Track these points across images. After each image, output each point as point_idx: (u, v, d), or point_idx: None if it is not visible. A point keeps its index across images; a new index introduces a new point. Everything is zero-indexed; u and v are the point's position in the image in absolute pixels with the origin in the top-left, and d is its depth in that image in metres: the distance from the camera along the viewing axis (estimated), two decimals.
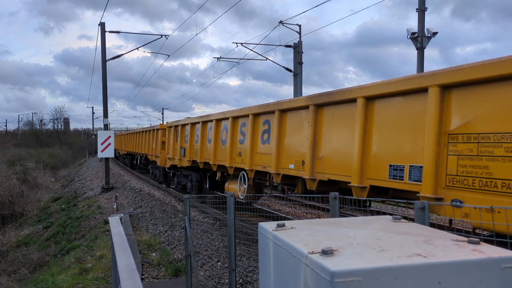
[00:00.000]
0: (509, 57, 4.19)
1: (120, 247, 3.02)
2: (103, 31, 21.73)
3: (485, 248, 1.84)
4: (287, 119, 8.22)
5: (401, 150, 5.46)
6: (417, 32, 15.55)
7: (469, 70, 4.49)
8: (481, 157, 4.43)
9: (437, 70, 4.93)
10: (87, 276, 8.70)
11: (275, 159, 8.41)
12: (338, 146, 6.73)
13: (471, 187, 4.47)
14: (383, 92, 5.70)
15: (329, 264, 1.63)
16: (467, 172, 4.57)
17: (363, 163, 6.01)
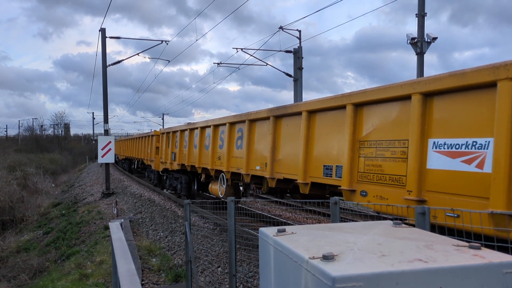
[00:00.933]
0: (391, 84, 5.71)
1: (120, 253, 3.01)
2: (103, 37, 21.79)
3: (486, 253, 1.84)
4: (256, 127, 9.58)
5: (331, 153, 6.85)
6: (417, 37, 15.59)
7: (370, 92, 5.98)
8: (377, 158, 5.86)
9: (352, 92, 6.49)
10: (87, 281, 8.67)
11: (246, 162, 9.75)
12: (290, 151, 8.07)
13: (372, 181, 5.91)
14: (320, 107, 7.11)
15: (330, 269, 1.63)
16: (369, 170, 5.99)
17: (306, 164, 7.36)
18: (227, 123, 10.94)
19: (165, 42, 23.64)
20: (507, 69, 4.12)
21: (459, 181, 4.69)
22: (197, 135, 13.45)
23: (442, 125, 5.03)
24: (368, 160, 6.02)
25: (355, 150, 6.27)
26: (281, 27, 23.48)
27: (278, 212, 14.44)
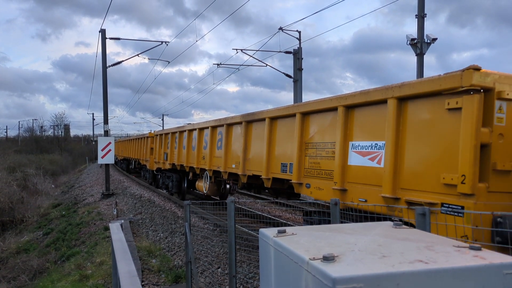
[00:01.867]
0: (325, 98, 7.13)
1: (121, 254, 3.01)
2: (103, 38, 21.79)
3: (486, 254, 1.83)
4: (232, 131, 10.97)
5: (286, 153, 8.23)
6: (417, 38, 15.59)
7: (312, 104, 7.44)
8: (317, 157, 7.24)
9: (299, 103, 8.20)
10: (87, 282, 8.67)
11: (224, 161, 11.14)
12: (257, 151, 9.47)
13: (313, 175, 7.29)
14: (278, 114, 8.57)
15: (330, 270, 1.63)
16: (312, 166, 7.37)
17: (268, 162, 8.77)
18: (210, 127, 12.40)
19: (165, 43, 23.68)
20: (393, 90, 5.55)
21: (367, 174, 6.10)
22: (185, 137, 14.95)
23: (357, 130, 6.42)
24: (311, 158, 7.46)
25: (302, 150, 7.67)
26: (281, 28, 23.50)
27: (278, 213, 14.44)
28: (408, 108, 5.51)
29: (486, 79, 4.72)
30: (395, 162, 5.54)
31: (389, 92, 5.63)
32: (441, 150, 5.05)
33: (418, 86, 5.29)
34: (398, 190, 5.55)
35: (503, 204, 4.73)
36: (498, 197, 4.74)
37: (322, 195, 6.93)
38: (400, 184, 5.54)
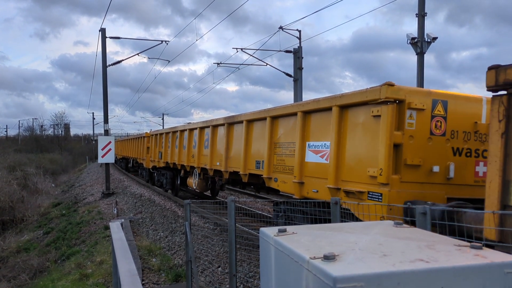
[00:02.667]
0: (288, 105, 8.55)
1: (121, 253, 3.01)
2: (103, 37, 21.77)
3: (487, 253, 1.83)
4: (217, 131, 12.12)
5: (259, 152, 9.36)
6: (417, 37, 15.57)
7: (279, 109, 8.62)
8: (282, 155, 8.41)
9: (270, 108, 9.13)
10: (87, 281, 8.67)
11: (210, 159, 12.36)
12: (237, 150, 10.56)
13: (280, 170, 8.46)
14: (253, 118, 9.70)
15: (331, 269, 1.62)
16: (278, 163, 8.56)
17: (245, 160, 9.90)
18: (198, 128, 13.66)
19: (165, 42, 23.64)
20: (336, 100, 6.77)
21: (318, 169, 7.23)
22: (177, 137, 16.19)
23: (312, 132, 7.56)
24: (278, 156, 8.62)
25: (272, 149, 8.80)
26: (281, 27, 23.47)
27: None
28: (348, 114, 6.68)
29: (398, 92, 5.86)
30: (337, 159, 6.76)
31: (333, 101, 6.84)
32: (367, 149, 6.24)
33: (353, 97, 6.45)
34: (340, 182, 6.74)
35: (412, 192, 5.89)
36: (408, 186, 5.90)
37: (286, 188, 8.23)
38: (341, 177, 6.72)
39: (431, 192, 6.05)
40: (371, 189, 6.05)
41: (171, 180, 19.14)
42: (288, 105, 8.61)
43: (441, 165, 6.11)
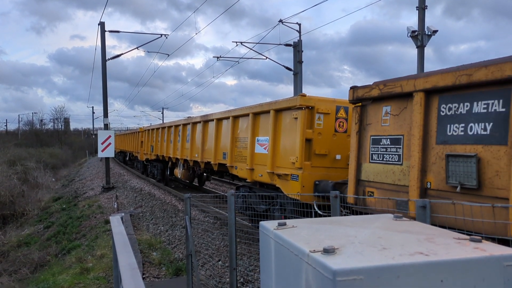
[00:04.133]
0: (244, 107, 10.41)
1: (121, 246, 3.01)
2: (102, 30, 21.67)
3: (487, 246, 1.84)
4: (196, 128, 14.25)
5: (225, 145, 11.38)
6: (417, 30, 15.50)
7: (238, 110, 10.68)
8: (240, 148, 10.47)
9: (232, 109, 11.18)
10: (88, 275, 8.70)
11: (190, 151, 14.64)
12: (210, 143, 12.69)
13: (238, 160, 10.51)
14: (221, 117, 11.83)
15: (330, 262, 1.63)
16: (237, 154, 10.63)
17: (215, 152, 12.07)
18: (181, 124, 15.87)
19: (165, 36, 23.54)
20: (272, 105, 8.94)
21: (262, 158, 9.37)
22: (166, 132, 18.45)
23: (259, 129, 9.65)
24: (237, 148, 10.70)
25: (233, 143, 10.86)
26: (281, 20, 23.36)
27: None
28: (280, 116, 8.82)
29: (309, 101, 8.04)
30: (273, 150, 8.89)
31: (271, 106, 9.04)
32: (290, 142, 8.39)
33: (283, 103, 8.63)
34: (275, 168, 8.85)
35: (320, 174, 8.08)
36: (317, 170, 8.10)
37: (242, 173, 10.35)
38: (275, 163, 8.86)
39: (334, 174, 8.07)
40: (292, 172, 8.27)
41: (161, 171, 21.47)
42: (243, 107, 10.51)
43: (342, 154, 8.22)
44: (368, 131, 6.26)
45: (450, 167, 4.87)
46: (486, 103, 4.63)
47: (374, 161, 6.08)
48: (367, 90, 6.17)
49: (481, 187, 4.54)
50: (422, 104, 5.28)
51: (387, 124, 5.94)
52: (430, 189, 5.20)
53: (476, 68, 4.64)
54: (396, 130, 5.79)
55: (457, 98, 4.93)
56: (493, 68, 4.44)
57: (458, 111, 4.93)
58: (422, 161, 5.26)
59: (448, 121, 5.03)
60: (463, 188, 4.70)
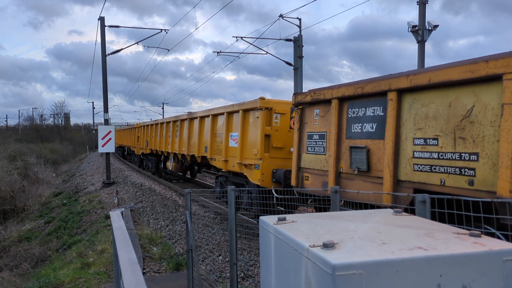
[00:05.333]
0: (220, 107, 12.37)
1: (121, 241, 3.02)
2: (102, 26, 21.61)
3: (486, 241, 1.84)
4: (184, 124, 15.84)
5: (207, 140, 13.09)
6: (418, 25, 15.45)
7: (216, 109, 12.48)
8: (218, 142, 12.16)
9: (211, 108, 13.14)
10: (88, 270, 8.73)
11: (178, 146, 16.54)
12: (194, 138, 14.46)
13: (216, 153, 12.21)
14: (203, 115, 13.59)
15: (330, 257, 1.63)
16: (216, 148, 12.24)
17: (199, 146, 13.88)
18: (171, 121, 17.88)
19: (165, 31, 23.48)
20: (241, 106, 10.66)
21: (234, 151, 11.02)
22: (159, 128, 20.47)
23: (232, 126, 11.29)
24: (216, 143, 12.41)
25: (213, 138, 12.62)
26: (281, 15, 23.29)
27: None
28: (247, 115, 10.52)
29: (268, 103, 9.70)
30: (242, 144, 10.58)
31: (240, 106, 10.73)
32: (254, 137, 10.11)
33: (249, 104, 10.33)
34: (243, 159, 10.49)
35: (277, 164, 9.63)
36: (275, 160, 9.69)
37: (219, 164, 12.03)
38: (243, 155, 10.53)
39: (289, 163, 9.02)
40: (255, 162, 9.87)
41: (155, 164, 23.36)
42: (220, 107, 12.36)
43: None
44: (305, 128, 7.85)
45: (352, 156, 6.49)
46: (373, 108, 6.23)
47: (309, 152, 7.70)
48: (303, 96, 7.76)
49: (370, 170, 6.16)
50: (336, 109, 6.87)
51: (317, 123, 7.55)
52: (342, 172, 6.79)
53: (366, 83, 6.18)
54: (322, 127, 7.38)
55: (357, 104, 6.52)
56: (375, 83, 5.99)
57: (358, 114, 6.53)
58: (337, 152, 6.85)
59: (352, 122, 6.59)
60: (359, 171, 6.33)
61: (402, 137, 5.68)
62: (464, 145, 4.83)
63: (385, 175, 5.75)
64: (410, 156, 5.52)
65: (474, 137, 4.73)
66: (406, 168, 5.56)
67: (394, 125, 5.73)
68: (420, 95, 5.46)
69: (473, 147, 4.74)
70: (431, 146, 5.24)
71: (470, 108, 4.81)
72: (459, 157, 4.87)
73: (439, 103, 5.17)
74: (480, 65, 4.59)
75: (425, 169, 5.30)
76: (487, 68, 4.53)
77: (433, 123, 5.24)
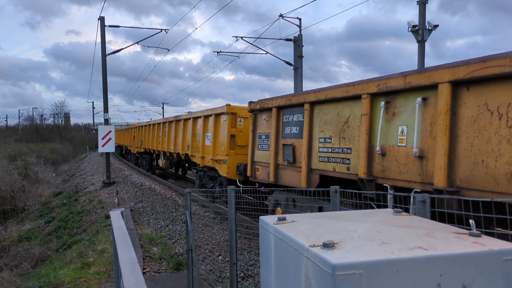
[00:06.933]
0: (198, 111, 15.22)
1: (121, 241, 3.02)
2: (102, 25, 21.60)
3: (486, 241, 1.84)
4: (172, 125, 18.01)
5: (189, 139, 15.28)
6: (418, 25, 15.44)
7: (195, 113, 15.35)
8: (198, 141, 14.43)
9: (192, 112, 16.95)
10: (89, 270, 8.73)
11: (167, 145, 18.81)
12: (179, 138, 16.64)
13: (196, 151, 14.58)
14: (186, 117, 15.89)
15: (330, 257, 1.63)
16: (195, 146, 14.74)
17: (183, 144, 16.11)
18: (161, 123, 20.55)
19: (165, 31, 23.47)
20: (213, 110, 12.94)
21: (208, 148, 12.98)
22: (151, 129, 22.88)
23: (208, 128, 13.29)
24: (195, 142, 14.56)
25: (193, 137, 14.81)
26: (281, 15, 23.27)
27: None
28: (219, 119, 12.50)
29: (233, 109, 11.73)
30: (214, 143, 12.64)
31: (213, 111, 12.93)
32: (222, 137, 12.11)
33: (219, 109, 12.36)
34: (215, 155, 12.54)
35: (241, 159, 11.23)
36: (239, 156, 11.51)
37: (198, 160, 14.15)
38: (215, 152, 12.57)
39: None
40: (223, 158, 11.77)
41: (149, 161, 25.63)
42: (199, 111, 14.73)
43: None
44: (257, 130, 9.86)
45: (284, 151, 8.47)
46: (297, 115, 8.14)
47: (259, 149, 9.71)
48: (255, 104, 9.77)
49: (295, 161, 8.18)
50: (275, 115, 8.87)
51: (264, 126, 9.53)
52: (279, 164, 8.80)
53: (292, 96, 8.33)
54: (267, 129, 9.37)
55: (288, 112, 8.54)
56: (298, 97, 8.07)
57: (288, 119, 8.50)
58: (275, 149, 8.86)
59: (286, 125, 8.59)
60: (288, 162, 8.37)
61: (313, 137, 7.58)
62: (344, 143, 6.81)
63: (303, 165, 7.76)
64: (317, 151, 7.47)
65: (349, 137, 6.66)
66: (315, 159, 7.53)
67: (308, 128, 7.63)
68: (323, 106, 7.36)
69: (348, 144, 6.70)
70: (328, 143, 7.21)
71: (348, 117, 6.74)
72: (341, 151, 6.87)
73: (332, 113, 7.11)
74: (350, 88, 6.55)
75: (325, 160, 7.27)
76: (354, 90, 6.45)
77: (329, 127, 7.17)
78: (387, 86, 5.83)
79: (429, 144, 5.24)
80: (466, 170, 4.76)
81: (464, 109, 4.82)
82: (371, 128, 6.12)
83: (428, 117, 5.28)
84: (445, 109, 4.95)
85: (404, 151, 5.61)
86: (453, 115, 4.92)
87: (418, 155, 5.35)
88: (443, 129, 4.96)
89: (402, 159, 5.64)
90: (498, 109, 4.45)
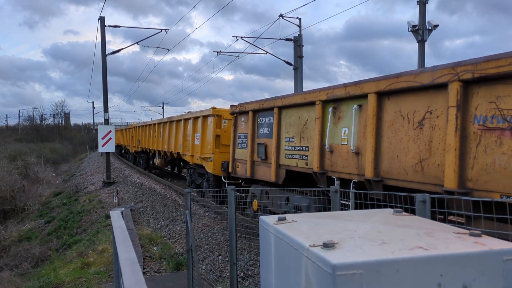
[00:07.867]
0: (188, 113, 17.23)
1: (121, 241, 3.02)
2: (102, 25, 21.59)
3: (486, 241, 1.84)
4: (166, 126, 19.29)
5: (180, 139, 16.63)
6: (418, 24, 15.43)
7: (185, 115, 16.75)
8: (189, 141, 15.34)
9: (183, 114, 17.82)
10: (89, 270, 8.73)
11: (161, 144, 20.04)
12: (172, 138, 17.99)
13: (186, 150, 15.70)
14: (178, 119, 17.35)
15: (330, 257, 1.63)
16: (186, 146, 15.86)
17: (175, 144, 17.54)
18: (156, 123, 22.01)
19: (165, 31, 23.46)
20: (201, 113, 14.33)
21: (197, 147, 14.32)
22: (148, 129, 24.19)
23: (197, 128, 14.62)
24: (186, 141, 15.58)
25: (185, 137, 15.92)
26: (281, 15, 23.26)
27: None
28: (206, 120, 13.63)
29: (218, 111, 13.11)
30: (202, 142, 13.80)
31: (201, 113, 14.09)
32: (209, 137, 13.26)
33: (205, 112, 13.64)
34: (202, 153, 13.63)
35: (225, 157, 12.04)
36: (223, 154, 12.41)
37: (188, 158, 15.26)
38: (203, 150, 13.70)
39: None
40: (209, 156, 12.97)
41: (145, 160, 26.73)
42: (188, 113, 16.28)
43: None
44: (237, 131, 10.78)
45: (258, 149, 9.49)
46: (269, 118, 9.09)
47: (239, 148, 10.60)
48: (236, 108, 10.74)
49: (267, 158, 9.12)
50: (251, 117, 9.87)
51: (243, 127, 10.43)
52: (255, 161, 9.76)
53: (264, 101, 9.25)
54: (245, 130, 10.25)
55: (261, 115, 9.53)
56: (268, 102, 9.03)
57: (262, 121, 9.51)
58: (251, 147, 9.84)
59: (260, 127, 9.58)
60: (262, 159, 9.32)
61: (281, 137, 8.60)
62: (304, 142, 7.82)
63: (272, 161, 8.79)
64: (284, 149, 8.48)
65: (307, 137, 7.67)
66: (282, 156, 8.54)
67: (276, 129, 8.68)
68: (288, 110, 8.41)
69: (307, 142, 7.71)
70: (291, 142, 8.23)
71: (306, 120, 7.75)
72: (301, 149, 7.88)
73: (295, 116, 8.14)
74: (307, 95, 7.61)
75: (289, 157, 8.29)
76: (310, 97, 7.47)
77: (293, 128, 8.20)
78: (334, 94, 6.88)
79: (362, 143, 6.30)
80: (387, 163, 5.86)
81: (386, 114, 5.91)
82: (323, 130, 7.17)
83: (362, 121, 6.35)
84: (372, 114, 6.03)
85: (346, 149, 6.70)
86: (379, 119, 6.00)
87: (355, 151, 6.45)
88: (371, 131, 6.05)
89: (344, 155, 6.73)
90: (407, 114, 5.55)
